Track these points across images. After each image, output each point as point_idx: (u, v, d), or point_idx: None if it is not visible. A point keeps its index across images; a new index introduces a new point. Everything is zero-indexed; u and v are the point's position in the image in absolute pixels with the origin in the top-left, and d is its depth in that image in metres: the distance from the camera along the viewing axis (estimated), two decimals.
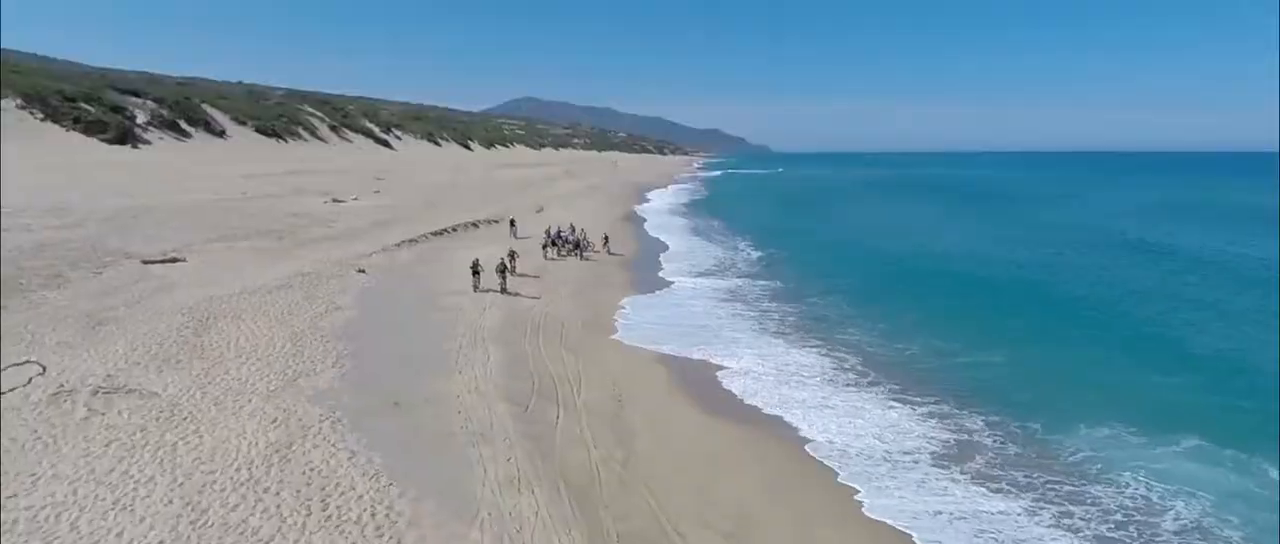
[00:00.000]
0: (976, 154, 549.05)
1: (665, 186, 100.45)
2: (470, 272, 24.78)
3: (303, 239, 32.57)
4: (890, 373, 17.56)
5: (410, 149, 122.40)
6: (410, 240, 34.18)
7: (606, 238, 36.91)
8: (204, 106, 76.34)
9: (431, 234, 36.59)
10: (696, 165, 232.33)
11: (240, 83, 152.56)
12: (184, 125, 69.24)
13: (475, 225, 41.99)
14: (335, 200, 46.20)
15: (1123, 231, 46.15)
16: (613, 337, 20.45)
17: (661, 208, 65.53)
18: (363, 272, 26.45)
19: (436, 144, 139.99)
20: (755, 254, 37.43)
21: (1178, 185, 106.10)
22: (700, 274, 31.02)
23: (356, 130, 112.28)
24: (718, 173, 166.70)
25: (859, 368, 17.89)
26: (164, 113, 67.59)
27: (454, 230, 39.03)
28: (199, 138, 69.99)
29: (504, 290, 24.57)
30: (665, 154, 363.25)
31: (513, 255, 28.08)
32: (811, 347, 19.74)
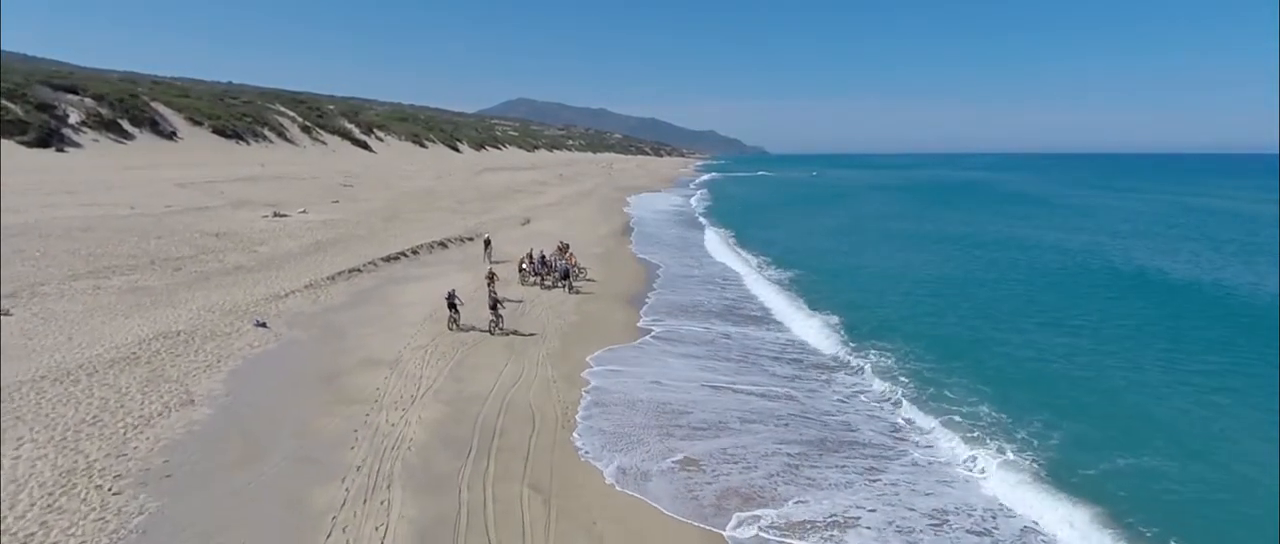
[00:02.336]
0: (973, 156, 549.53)
1: (664, 191, 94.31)
2: (447, 305, 19.94)
3: (207, 270, 25.23)
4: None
5: (392, 151, 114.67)
6: (351, 270, 26.88)
7: (567, 246, 30.45)
8: (153, 105, 68.38)
9: (382, 260, 29.27)
10: (694, 167, 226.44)
11: (230, 83, 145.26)
12: (126, 125, 61.36)
13: (444, 245, 34.69)
14: (278, 214, 38.83)
15: (1145, 255, 38.08)
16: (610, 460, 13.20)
17: (664, 218, 58.29)
18: (263, 324, 19.17)
19: (422, 146, 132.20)
20: (783, 276, 30.81)
21: (1182, 190, 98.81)
22: (736, 319, 23.53)
23: (333, 131, 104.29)
24: (717, 176, 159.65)
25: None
26: (103, 111, 59.76)
27: (414, 254, 31.71)
28: (143, 139, 62.15)
29: (500, 329, 19.74)
30: (661, 156, 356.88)
31: (492, 277, 23.69)
32: (925, 482, 12.56)
